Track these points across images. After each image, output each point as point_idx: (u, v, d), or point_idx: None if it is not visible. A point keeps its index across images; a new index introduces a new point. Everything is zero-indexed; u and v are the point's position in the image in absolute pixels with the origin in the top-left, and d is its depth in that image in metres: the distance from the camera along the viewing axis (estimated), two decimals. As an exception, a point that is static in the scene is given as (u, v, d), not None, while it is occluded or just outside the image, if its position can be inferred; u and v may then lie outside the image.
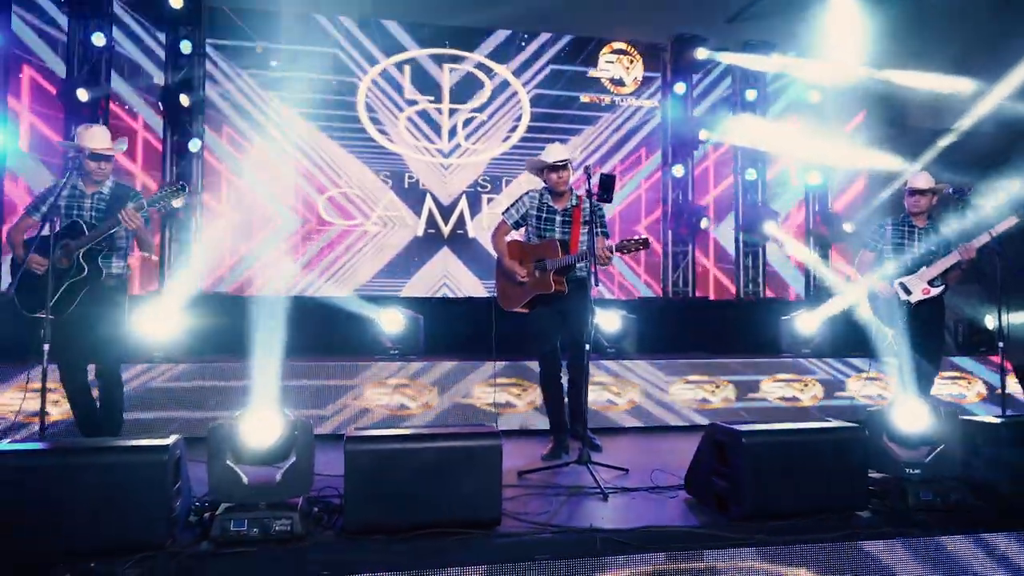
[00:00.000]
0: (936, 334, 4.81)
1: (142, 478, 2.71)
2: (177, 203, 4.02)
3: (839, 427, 3.40)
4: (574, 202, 4.68)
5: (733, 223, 9.68)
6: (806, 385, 6.55)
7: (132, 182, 7.98)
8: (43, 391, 3.41)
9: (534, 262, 4.63)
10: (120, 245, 4.04)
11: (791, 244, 9.54)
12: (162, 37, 8.21)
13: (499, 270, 4.81)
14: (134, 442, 2.83)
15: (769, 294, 9.56)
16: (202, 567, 2.66)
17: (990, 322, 4.78)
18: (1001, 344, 4.51)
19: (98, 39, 7.79)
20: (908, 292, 4.74)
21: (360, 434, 3.02)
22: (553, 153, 4.61)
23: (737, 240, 9.65)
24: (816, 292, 9.49)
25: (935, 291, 4.72)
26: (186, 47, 8.11)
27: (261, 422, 2.92)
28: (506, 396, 5.90)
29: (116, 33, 8.07)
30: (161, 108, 8.11)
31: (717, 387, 6.36)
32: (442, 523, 2.95)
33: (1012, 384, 6.52)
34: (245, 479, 2.88)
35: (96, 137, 3.97)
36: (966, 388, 6.72)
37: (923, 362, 4.70)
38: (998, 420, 3.63)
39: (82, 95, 7.65)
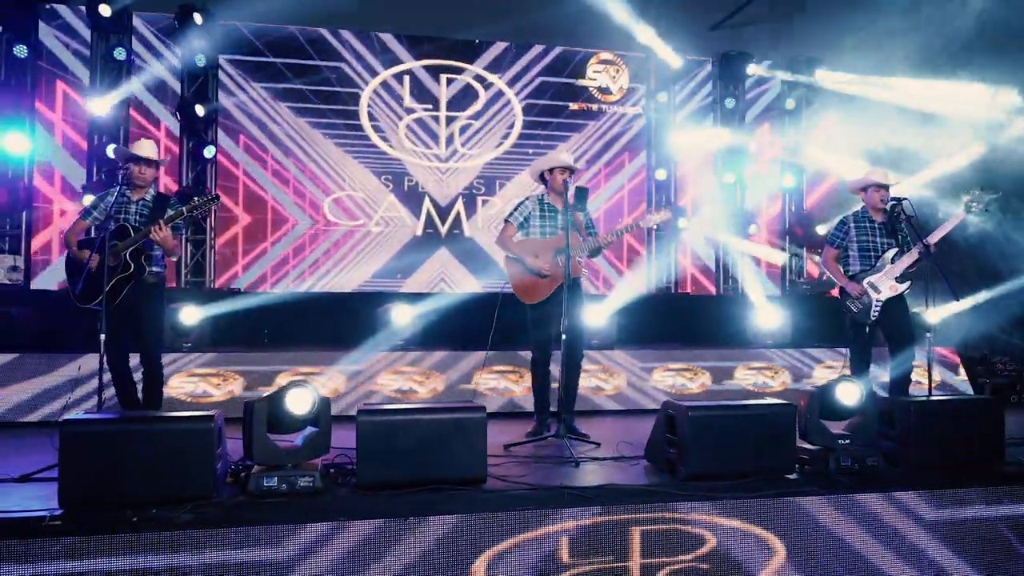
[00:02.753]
0: (907, 325, 5.21)
1: (193, 442, 3.33)
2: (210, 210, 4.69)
3: (771, 404, 4.02)
4: (570, 209, 5.00)
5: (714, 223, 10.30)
6: (776, 373, 7.22)
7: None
8: (100, 373, 4.04)
9: (553, 253, 4.99)
10: (159, 248, 4.67)
11: (763, 246, 10.18)
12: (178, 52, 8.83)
13: (518, 268, 5.05)
14: (186, 413, 3.46)
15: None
16: (242, 514, 3.28)
17: (931, 316, 5.34)
18: (929, 335, 5.12)
19: (119, 53, 8.41)
20: (878, 291, 5.14)
21: (370, 407, 3.65)
22: (567, 157, 5.11)
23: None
24: (791, 288, 10.13)
25: (902, 287, 5.15)
26: (201, 60, 8.71)
27: (289, 398, 3.54)
28: (504, 382, 6.60)
29: (138, 47, 8.72)
30: (178, 118, 8.72)
31: (694, 374, 7.01)
32: (437, 480, 3.57)
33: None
34: (276, 444, 3.50)
35: (143, 147, 4.70)
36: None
37: (900, 350, 5.17)
38: (907, 400, 4.26)
39: (102, 106, 8.28)
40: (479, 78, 9.66)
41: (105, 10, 8.21)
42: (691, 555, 3.58)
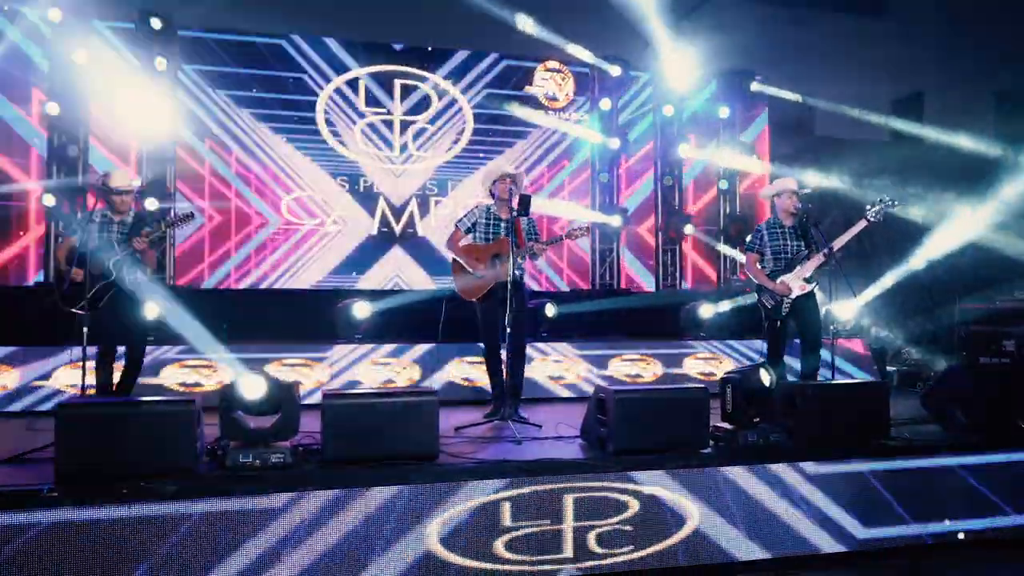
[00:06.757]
0: (815, 320, 5.81)
1: (178, 422, 3.74)
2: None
3: (687, 387, 4.61)
4: (514, 215, 5.57)
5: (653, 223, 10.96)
6: (720, 362, 7.89)
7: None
8: (83, 364, 4.44)
9: (490, 258, 5.59)
10: (139, 259, 5.19)
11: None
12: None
13: (460, 269, 5.66)
14: (173, 398, 3.87)
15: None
16: (222, 485, 3.71)
17: (839, 311, 5.98)
18: (833, 327, 5.77)
19: (77, 56, 8.60)
20: (789, 289, 5.69)
21: (334, 392, 4.11)
22: (506, 166, 5.77)
23: (657, 238, 10.92)
24: (727, 284, 10.81)
25: (810, 287, 5.73)
26: (160, 64, 8.96)
27: (260, 383, 3.97)
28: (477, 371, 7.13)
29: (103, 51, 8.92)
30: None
31: (647, 364, 7.62)
32: (394, 456, 4.04)
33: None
34: (249, 424, 3.93)
35: (118, 177, 5.18)
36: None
37: (809, 342, 5.75)
38: (805, 383, 4.88)
39: (52, 108, 8.48)
40: (431, 83, 10.09)
41: (55, 15, 8.41)
42: (616, 519, 4.13)
